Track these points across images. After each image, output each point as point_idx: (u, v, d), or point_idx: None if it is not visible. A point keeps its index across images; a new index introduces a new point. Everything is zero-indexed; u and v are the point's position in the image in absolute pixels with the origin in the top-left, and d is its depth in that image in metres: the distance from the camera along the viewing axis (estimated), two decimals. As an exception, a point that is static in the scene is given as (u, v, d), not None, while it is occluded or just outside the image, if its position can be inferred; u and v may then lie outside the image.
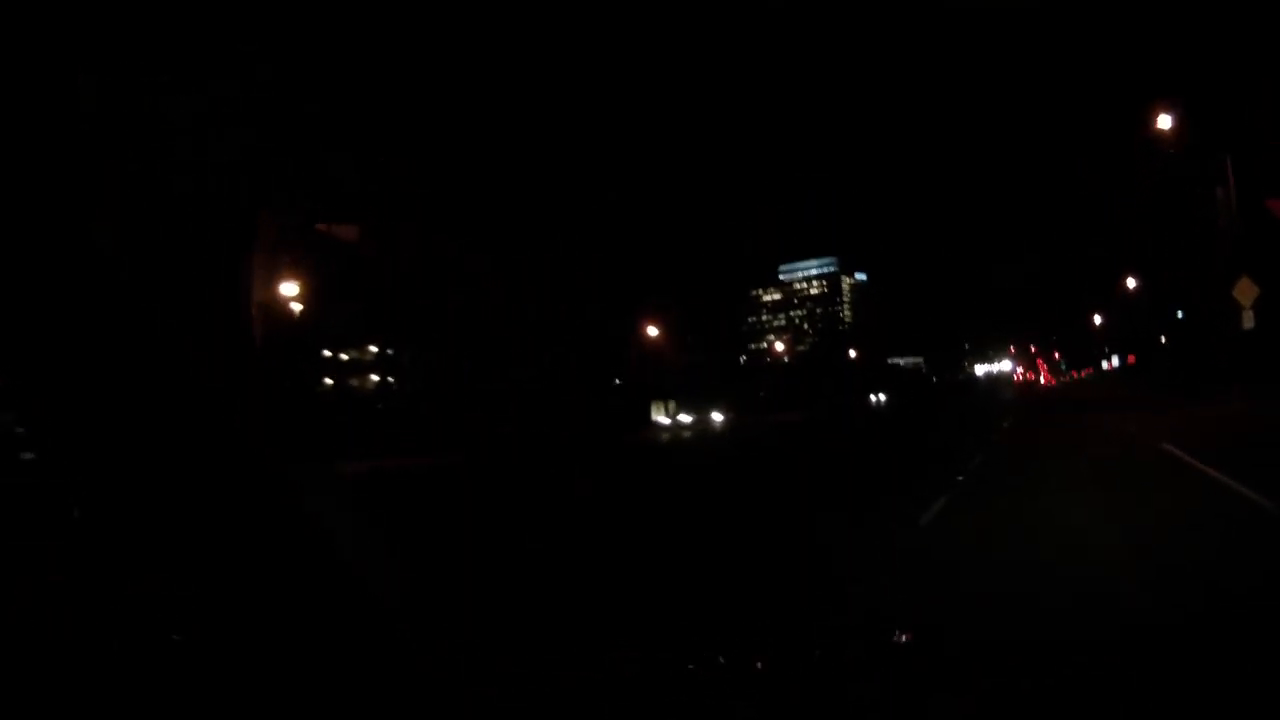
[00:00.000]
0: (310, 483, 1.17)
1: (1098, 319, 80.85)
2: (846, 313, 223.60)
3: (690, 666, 1.87)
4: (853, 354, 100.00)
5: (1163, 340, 52.52)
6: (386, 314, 44.53)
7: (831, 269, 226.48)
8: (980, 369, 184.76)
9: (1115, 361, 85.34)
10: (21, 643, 1.47)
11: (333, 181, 37.84)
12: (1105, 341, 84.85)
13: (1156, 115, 33.54)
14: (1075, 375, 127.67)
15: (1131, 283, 51.79)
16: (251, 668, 1.12)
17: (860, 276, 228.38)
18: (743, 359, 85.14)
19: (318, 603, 1.11)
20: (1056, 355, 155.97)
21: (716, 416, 62.58)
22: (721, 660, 1.95)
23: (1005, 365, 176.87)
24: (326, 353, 45.28)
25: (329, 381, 45.53)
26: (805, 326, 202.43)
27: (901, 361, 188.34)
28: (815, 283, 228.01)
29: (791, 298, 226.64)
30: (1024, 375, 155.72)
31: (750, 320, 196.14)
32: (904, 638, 2.44)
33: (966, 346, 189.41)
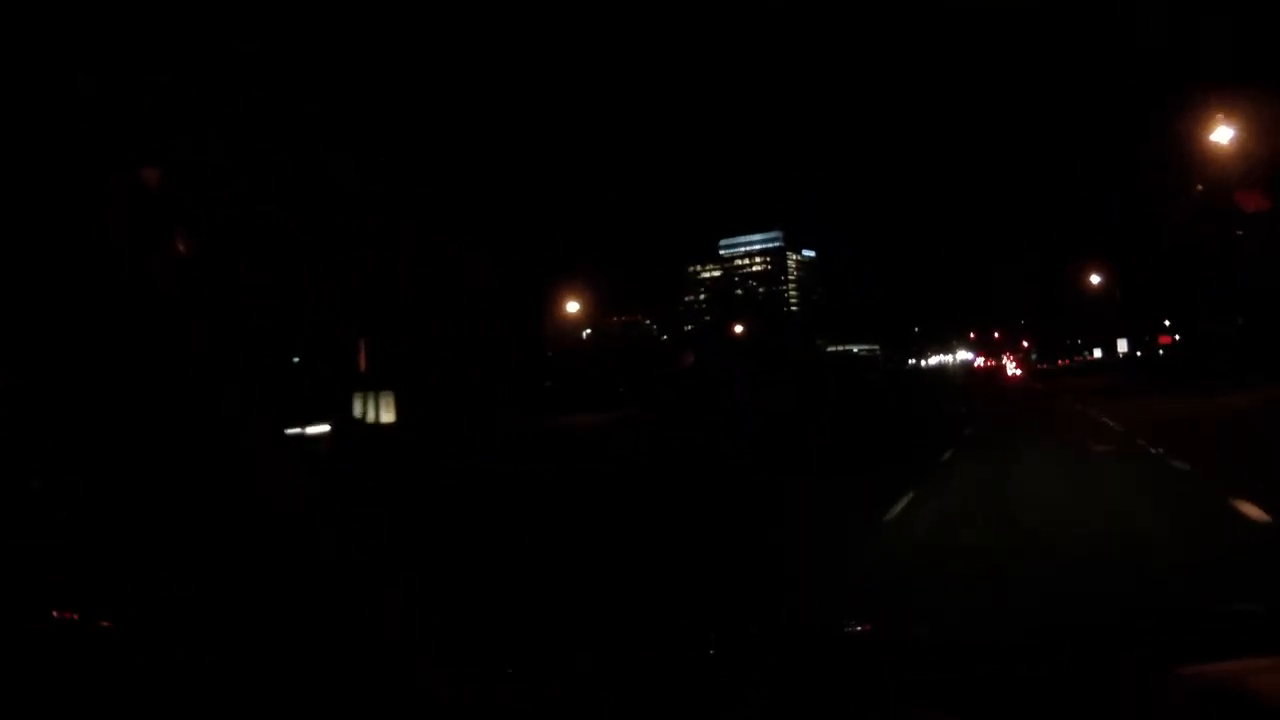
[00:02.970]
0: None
1: (1095, 278, 51.07)
2: (793, 292, 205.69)
3: (711, 652, 1.84)
4: (739, 329, 71.81)
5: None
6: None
7: (776, 244, 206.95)
8: (934, 359, 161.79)
9: (1123, 347, 55.80)
10: (21, 643, 1.31)
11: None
12: (1109, 316, 55.05)
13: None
14: (1063, 364, 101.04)
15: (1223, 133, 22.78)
16: (249, 667, 1.14)
17: (808, 253, 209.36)
18: (589, 333, 56.35)
19: (314, 599, 1.14)
20: (1026, 343, 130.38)
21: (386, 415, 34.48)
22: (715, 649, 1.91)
23: (966, 355, 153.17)
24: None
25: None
26: (792, 314, 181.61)
27: (856, 349, 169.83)
28: (759, 259, 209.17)
29: (732, 274, 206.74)
30: (985, 364, 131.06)
31: (688, 299, 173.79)
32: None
33: (917, 330, 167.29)
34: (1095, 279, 50.75)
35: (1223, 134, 24.33)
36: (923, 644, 1.87)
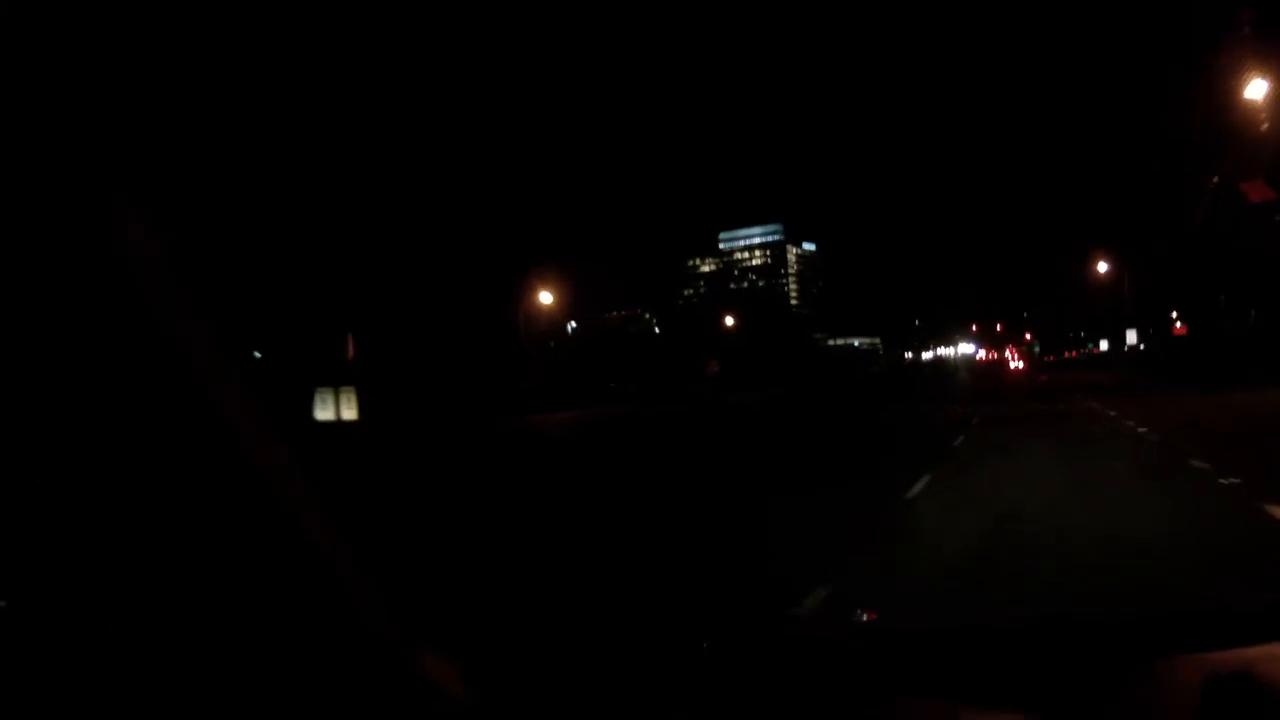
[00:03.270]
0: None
1: (1103, 266, 48.32)
2: (792, 286, 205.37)
3: (704, 645, 1.88)
4: (730, 323, 68.06)
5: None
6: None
7: (776, 237, 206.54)
8: (934, 352, 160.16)
9: (1132, 339, 52.93)
10: (22, 640, 1.40)
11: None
12: (1117, 308, 52.28)
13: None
14: (1070, 355, 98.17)
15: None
16: (251, 667, 1.21)
17: (809, 246, 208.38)
18: (573, 327, 54.27)
19: (314, 595, 1.19)
20: (1028, 336, 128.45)
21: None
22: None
23: (968, 347, 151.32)
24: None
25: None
26: (787, 307, 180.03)
27: (857, 342, 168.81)
28: (758, 252, 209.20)
29: (732, 269, 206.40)
30: (987, 356, 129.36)
31: (687, 293, 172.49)
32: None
33: (917, 323, 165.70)
34: (1103, 267, 48.01)
35: (1255, 91, 21.62)
36: (928, 633, 1.81)
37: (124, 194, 1.05)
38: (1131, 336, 52.50)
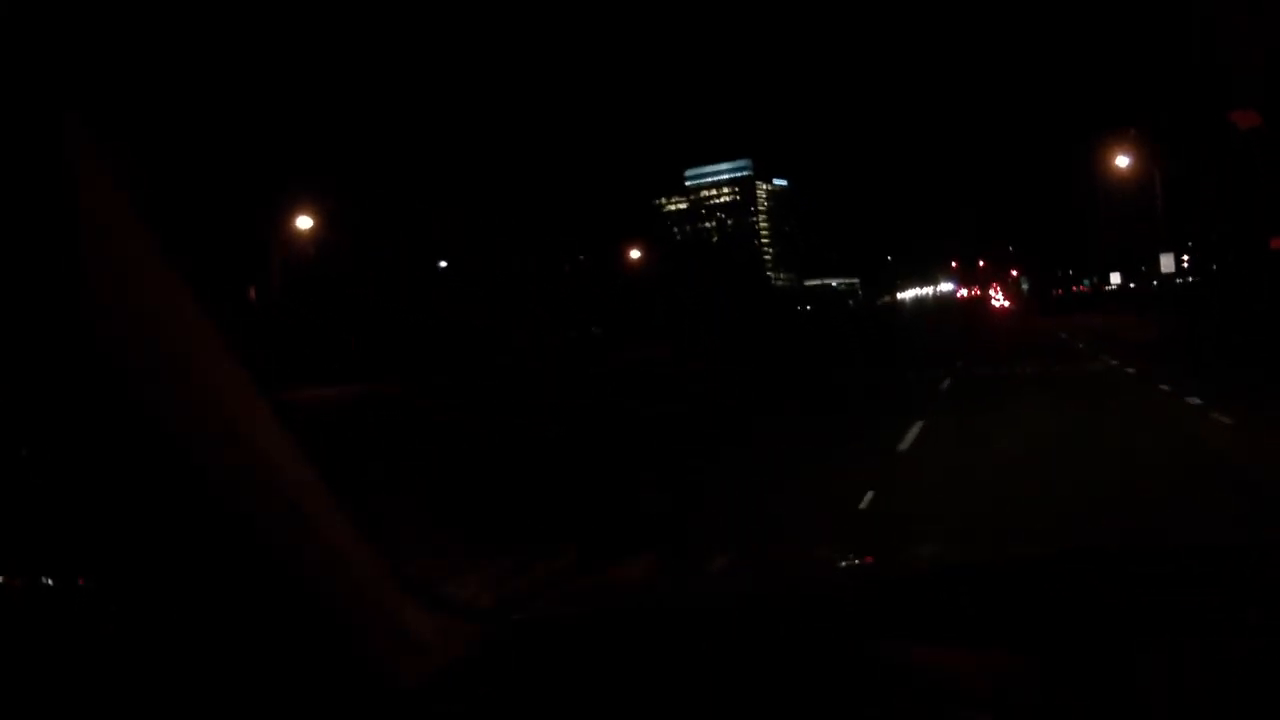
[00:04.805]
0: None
1: (1123, 161, 33.83)
2: (763, 223, 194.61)
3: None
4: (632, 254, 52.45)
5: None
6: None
7: (745, 173, 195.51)
8: (912, 292, 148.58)
9: (1168, 266, 38.29)
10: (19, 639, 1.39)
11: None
12: (1142, 226, 37.70)
13: None
14: (1080, 290, 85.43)
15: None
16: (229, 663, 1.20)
17: (780, 182, 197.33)
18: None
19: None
20: (1015, 272, 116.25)
21: None
22: None
23: (948, 286, 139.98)
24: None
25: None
26: (715, 239, 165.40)
27: (835, 283, 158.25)
28: (726, 189, 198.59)
29: (699, 207, 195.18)
30: (969, 295, 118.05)
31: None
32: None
33: (889, 259, 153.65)
34: (1123, 160, 33.76)
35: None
36: (926, 576, 1.80)
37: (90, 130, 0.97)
38: (1167, 263, 37.83)
